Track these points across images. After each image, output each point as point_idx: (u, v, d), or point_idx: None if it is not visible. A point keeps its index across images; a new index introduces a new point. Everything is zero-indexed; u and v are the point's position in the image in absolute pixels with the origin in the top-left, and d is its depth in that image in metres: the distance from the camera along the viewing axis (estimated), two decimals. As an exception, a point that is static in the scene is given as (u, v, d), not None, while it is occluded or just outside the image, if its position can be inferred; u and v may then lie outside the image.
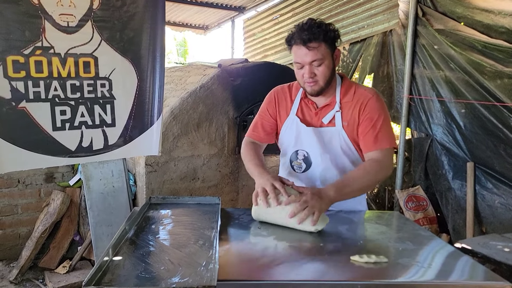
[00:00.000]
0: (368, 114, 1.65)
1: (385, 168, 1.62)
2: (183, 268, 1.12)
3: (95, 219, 3.01)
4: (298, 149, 1.77)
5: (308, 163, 1.76)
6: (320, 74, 1.59)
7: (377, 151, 1.63)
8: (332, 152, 1.72)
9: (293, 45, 1.60)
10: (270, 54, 5.87)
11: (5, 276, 2.93)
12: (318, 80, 1.61)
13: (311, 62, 1.57)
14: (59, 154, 2.11)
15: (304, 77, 1.61)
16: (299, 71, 1.62)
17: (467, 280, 1.11)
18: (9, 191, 3.11)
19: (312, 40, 1.54)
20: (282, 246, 1.31)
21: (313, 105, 1.75)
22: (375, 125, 1.63)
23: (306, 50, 1.55)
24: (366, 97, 1.66)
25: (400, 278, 1.11)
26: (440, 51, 3.36)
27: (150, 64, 2.33)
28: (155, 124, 2.41)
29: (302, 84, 1.67)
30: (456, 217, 3.38)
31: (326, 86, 1.64)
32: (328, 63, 1.60)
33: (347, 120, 1.69)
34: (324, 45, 1.57)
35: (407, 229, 1.54)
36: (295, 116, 1.77)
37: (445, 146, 3.44)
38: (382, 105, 1.68)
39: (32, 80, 1.98)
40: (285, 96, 1.82)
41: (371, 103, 1.65)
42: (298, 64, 1.61)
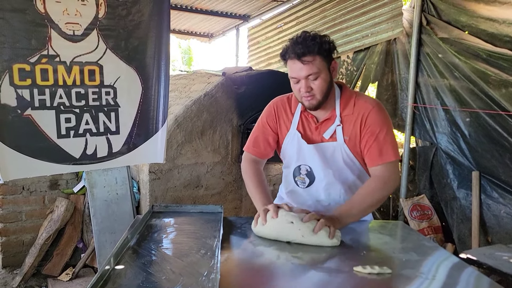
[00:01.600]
0: (370, 127, 1.61)
1: (392, 181, 1.60)
2: (184, 278, 1.12)
3: (99, 226, 3.01)
4: (301, 164, 1.74)
5: (312, 178, 1.72)
6: (317, 88, 1.55)
7: (382, 166, 1.60)
8: (335, 166, 1.68)
9: (288, 59, 1.56)
10: (274, 62, 5.89)
11: (9, 283, 2.93)
12: (315, 94, 1.57)
13: (307, 76, 1.53)
14: (64, 162, 2.12)
15: (300, 91, 1.57)
16: (296, 86, 1.59)
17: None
18: (13, 198, 3.12)
19: (307, 54, 1.50)
20: (284, 256, 1.30)
21: (313, 119, 1.71)
22: (377, 138, 1.59)
23: (300, 64, 1.51)
24: (367, 109, 1.62)
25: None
26: (444, 60, 3.36)
27: (155, 72, 2.34)
28: (160, 131, 2.41)
29: (299, 99, 1.63)
30: (461, 226, 3.34)
31: (324, 99, 1.60)
32: (325, 76, 1.55)
33: (349, 135, 1.65)
34: (319, 58, 1.52)
35: (411, 239, 1.53)
36: (296, 130, 1.73)
37: (449, 155, 3.42)
38: (384, 116, 1.63)
39: (38, 88, 1.99)
40: (285, 108, 1.78)
41: (372, 116, 1.61)
42: (294, 79, 1.57)
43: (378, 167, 1.60)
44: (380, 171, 1.60)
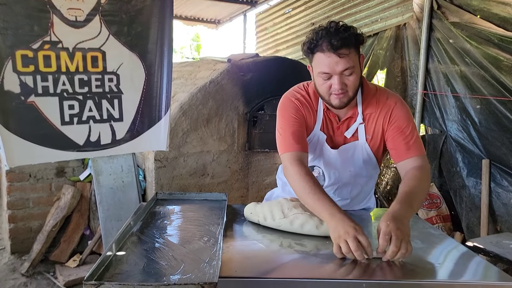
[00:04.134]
0: (396, 122, 1.53)
1: (430, 174, 1.54)
2: (186, 264, 1.11)
3: (105, 214, 3.02)
4: (315, 166, 1.66)
5: (320, 181, 1.64)
6: (351, 84, 1.43)
7: (415, 158, 1.48)
8: (352, 166, 1.62)
9: (317, 52, 1.41)
10: (282, 48, 5.83)
11: (17, 268, 2.97)
12: (348, 91, 1.44)
13: (343, 71, 1.40)
14: (68, 149, 2.12)
15: (332, 88, 1.43)
16: (325, 83, 1.43)
17: (477, 281, 1.07)
18: (20, 185, 3.14)
19: (344, 47, 1.36)
20: (287, 244, 1.28)
21: (335, 118, 1.61)
22: (404, 132, 1.51)
23: (337, 58, 1.37)
24: (390, 107, 1.54)
25: (408, 277, 1.07)
26: (455, 45, 3.28)
27: (158, 59, 2.31)
28: (163, 119, 2.40)
29: (327, 97, 1.48)
30: (470, 215, 3.30)
31: (354, 96, 1.48)
32: (358, 71, 1.44)
33: (371, 134, 1.58)
34: (354, 52, 1.40)
35: (416, 227, 1.49)
36: (320, 132, 1.62)
37: (459, 142, 3.37)
38: (408, 111, 1.56)
39: (41, 74, 1.98)
40: (309, 104, 1.61)
41: (396, 112, 1.53)
42: (326, 74, 1.41)
43: (409, 160, 1.49)
44: (416, 162, 1.48)
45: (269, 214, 1.40)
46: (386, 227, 1.15)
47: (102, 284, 0.93)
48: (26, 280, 2.83)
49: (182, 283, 0.95)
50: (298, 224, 1.34)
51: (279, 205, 1.41)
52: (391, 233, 1.13)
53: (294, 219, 1.35)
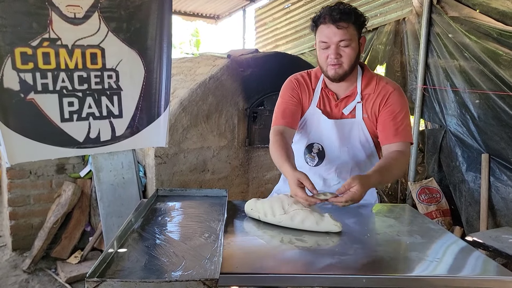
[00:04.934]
0: (390, 106, 1.61)
1: (408, 162, 1.60)
2: (187, 260, 1.12)
3: (106, 210, 3.03)
4: (314, 142, 1.74)
5: (321, 157, 1.72)
6: (346, 56, 1.54)
7: (400, 143, 1.59)
8: (350, 145, 1.69)
9: (320, 24, 1.55)
10: (281, 44, 5.81)
11: (18, 265, 2.98)
12: (343, 63, 1.55)
13: (339, 42, 1.52)
14: (68, 145, 2.12)
15: (328, 58, 1.56)
16: (324, 52, 1.57)
17: (476, 275, 1.08)
18: (21, 182, 3.15)
19: (343, 20, 1.50)
20: (288, 239, 1.29)
21: (333, 96, 1.70)
22: (396, 117, 1.60)
23: (335, 28, 1.50)
24: (388, 91, 1.62)
25: (407, 272, 1.08)
26: (454, 40, 3.28)
27: (157, 55, 2.31)
28: (162, 115, 2.40)
29: (324, 67, 1.61)
30: (469, 209, 3.31)
31: (350, 71, 1.59)
32: (355, 46, 1.55)
33: (368, 113, 1.65)
34: (353, 27, 1.53)
35: (416, 222, 1.51)
36: (316, 108, 1.72)
37: (459, 137, 3.37)
38: (404, 100, 1.64)
39: (40, 71, 1.98)
40: (307, 84, 1.75)
41: (394, 97, 1.61)
42: (324, 43, 1.55)
43: (394, 144, 1.60)
44: (398, 147, 1.59)
45: (270, 210, 1.41)
46: (351, 183, 1.35)
47: (104, 281, 0.94)
48: (28, 276, 2.84)
49: (183, 280, 0.95)
50: (299, 220, 1.35)
51: (279, 201, 1.41)
52: (351, 188, 1.34)
53: (294, 215, 1.36)
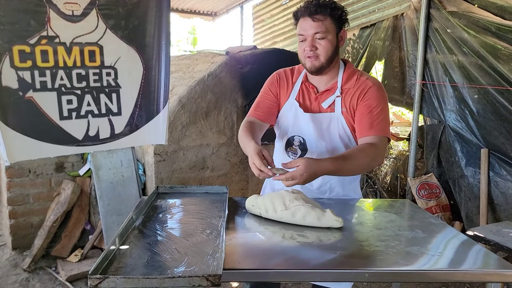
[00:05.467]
0: (367, 100, 1.60)
1: (381, 155, 1.56)
2: (189, 257, 1.12)
3: (105, 208, 3.03)
4: (295, 135, 1.73)
5: (304, 149, 1.71)
6: (322, 48, 1.55)
7: (373, 136, 1.57)
8: (329, 138, 1.68)
9: (300, 18, 1.57)
10: (279, 40, 5.80)
11: (19, 264, 2.98)
12: (319, 55, 1.57)
13: (314, 34, 1.54)
14: (67, 143, 2.11)
15: (305, 50, 1.57)
16: (301, 45, 1.59)
17: (478, 269, 1.08)
18: (20, 181, 3.14)
19: (318, 12, 1.52)
20: (289, 235, 1.29)
21: (313, 90, 1.71)
22: (372, 111, 1.59)
23: (311, 21, 1.53)
24: (367, 85, 1.63)
25: (409, 266, 1.08)
26: (453, 35, 3.27)
27: (155, 52, 2.30)
28: (161, 112, 2.39)
29: (303, 60, 1.63)
30: (469, 204, 3.32)
31: (327, 64, 1.59)
32: (332, 39, 1.56)
33: (346, 107, 1.65)
34: (330, 20, 1.54)
35: (417, 217, 1.51)
36: (295, 100, 1.73)
37: (458, 132, 3.38)
38: (383, 96, 1.63)
39: (39, 69, 1.97)
40: (287, 78, 1.78)
41: (372, 91, 1.61)
42: (301, 36, 1.57)
43: (367, 137, 1.57)
44: (371, 140, 1.56)
45: (271, 206, 1.41)
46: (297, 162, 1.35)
47: (107, 278, 0.94)
48: (28, 275, 2.84)
49: (186, 276, 0.95)
50: (300, 216, 1.35)
51: (280, 197, 1.41)
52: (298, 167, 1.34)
53: (295, 211, 1.36)
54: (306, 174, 1.33)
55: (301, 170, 1.33)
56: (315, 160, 1.37)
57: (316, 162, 1.37)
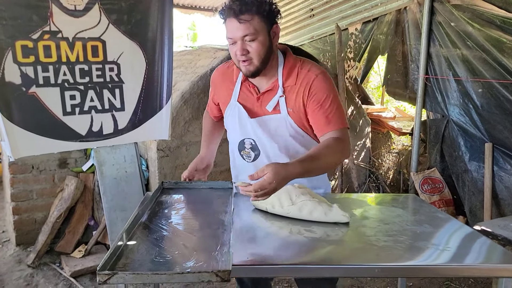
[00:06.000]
0: (315, 95, 1.48)
1: (347, 147, 1.46)
2: (197, 252, 1.11)
3: (109, 204, 3.02)
4: (245, 138, 1.64)
5: (257, 152, 1.63)
6: (254, 51, 1.42)
7: (334, 131, 1.46)
8: (280, 139, 1.58)
9: (226, 19, 1.44)
10: (281, 35, 5.76)
11: (23, 260, 2.98)
12: (252, 59, 1.44)
13: (243, 37, 1.41)
14: (70, 139, 2.10)
15: (236, 54, 1.45)
16: (232, 48, 1.46)
17: (493, 264, 1.07)
18: (23, 177, 3.13)
19: (244, 12, 1.38)
20: (296, 230, 1.29)
21: (254, 89, 1.58)
22: (323, 105, 1.47)
23: (237, 23, 1.39)
24: (310, 79, 1.50)
25: (419, 261, 1.07)
26: (457, 28, 3.25)
27: (158, 47, 2.28)
28: (164, 108, 2.38)
29: (237, 64, 1.51)
30: (473, 199, 3.31)
31: (262, 66, 1.47)
32: (263, 39, 1.42)
33: (292, 106, 1.53)
34: (258, 19, 1.40)
35: (424, 212, 1.50)
36: (237, 102, 1.62)
37: (461, 127, 3.36)
38: (329, 84, 1.50)
39: (41, 65, 1.95)
40: (225, 77, 1.67)
41: (316, 84, 1.49)
42: (230, 39, 1.44)
43: (329, 133, 1.47)
44: (332, 135, 1.46)
45: (277, 201, 1.40)
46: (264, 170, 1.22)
47: (116, 273, 0.93)
48: (33, 271, 2.84)
49: (196, 271, 0.95)
50: (307, 211, 1.34)
51: (286, 192, 1.41)
52: (265, 175, 1.21)
53: (302, 206, 1.35)
54: (275, 181, 1.20)
55: (269, 179, 1.20)
56: (283, 165, 1.24)
57: (284, 167, 1.24)
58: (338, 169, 3.82)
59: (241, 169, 1.72)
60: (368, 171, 4.04)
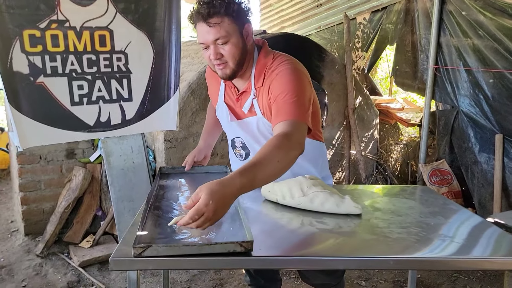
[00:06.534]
0: (272, 93, 1.40)
1: (295, 142, 1.26)
2: (214, 227, 1.13)
3: (117, 195, 3.03)
4: (235, 137, 1.64)
5: (247, 151, 1.62)
6: (228, 54, 1.38)
7: (281, 123, 1.31)
8: (265, 140, 1.49)
9: (196, 23, 1.39)
10: (287, 25, 5.72)
11: (32, 250, 3.00)
12: (227, 62, 1.40)
13: (215, 41, 1.36)
14: (78, 129, 2.10)
15: (211, 59, 1.40)
16: (205, 52, 1.42)
17: (506, 256, 1.05)
18: (31, 167, 3.14)
19: (213, 15, 1.33)
20: (308, 222, 1.27)
21: (234, 90, 1.56)
22: (276, 100, 1.38)
23: (207, 27, 1.34)
24: (272, 79, 1.41)
25: (434, 254, 1.06)
26: (468, 17, 3.19)
27: (166, 37, 2.26)
28: (172, 98, 2.36)
29: (212, 68, 1.48)
30: (482, 191, 3.28)
31: (238, 68, 1.42)
32: (236, 41, 1.37)
33: (262, 108, 1.49)
34: (228, 20, 1.34)
35: (437, 204, 1.48)
36: (223, 103, 1.62)
37: (472, 118, 3.32)
38: (287, 80, 1.38)
39: (49, 54, 1.94)
40: (215, 76, 1.61)
41: (274, 83, 1.40)
42: (202, 44, 1.40)
43: (276, 126, 1.32)
44: (280, 128, 1.30)
45: (288, 192, 1.38)
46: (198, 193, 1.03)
47: (150, 246, 0.96)
48: (41, 261, 2.86)
49: (222, 242, 0.98)
50: (318, 202, 1.32)
51: (297, 183, 1.39)
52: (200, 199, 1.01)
53: (314, 197, 1.33)
54: (212, 201, 1.00)
55: (205, 200, 1.00)
56: (218, 182, 1.05)
57: (220, 184, 1.04)
58: (346, 160, 3.80)
59: (237, 166, 1.71)
60: (376, 162, 4.01)
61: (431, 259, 1.03)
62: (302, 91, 1.38)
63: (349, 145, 3.79)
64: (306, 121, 1.34)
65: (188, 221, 1.00)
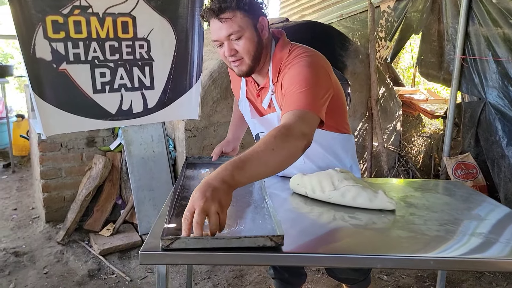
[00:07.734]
0: (283, 87, 1.35)
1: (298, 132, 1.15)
2: (242, 220, 1.12)
3: (137, 184, 3.03)
4: (259, 132, 1.62)
5: None
6: (242, 49, 1.33)
7: (285, 114, 1.24)
8: None
9: (209, 21, 1.35)
10: (308, 13, 5.60)
11: (53, 237, 3.03)
12: (243, 58, 1.35)
13: (228, 37, 1.31)
14: (101, 117, 2.09)
15: (226, 56, 1.36)
16: (220, 50, 1.38)
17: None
18: (52, 154, 3.16)
19: (224, 10, 1.28)
20: (340, 217, 1.22)
21: (254, 85, 1.53)
22: (285, 93, 1.32)
23: (219, 23, 1.30)
24: (285, 72, 1.36)
25: (478, 254, 1.00)
26: (499, 6, 3.05)
27: (188, 24, 2.22)
28: (194, 87, 2.33)
29: (228, 65, 1.44)
30: (509, 185, 3.17)
31: (255, 63, 1.38)
32: (250, 35, 1.32)
33: (280, 104, 1.43)
34: (240, 14, 1.30)
35: (473, 200, 1.41)
36: (245, 98, 1.60)
37: (500, 110, 3.19)
38: (299, 71, 1.32)
39: (72, 41, 1.92)
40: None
41: (286, 77, 1.35)
42: (216, 42, 1.35)
43: (282, 118, 1.26)
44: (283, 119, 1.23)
45: (318, 186, 1.33)
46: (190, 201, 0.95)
47: (178, 238, 0.93)
48: (62, 248, 2.88)
49: (252, 236, 0.95)
50: (350, 197, 1.27)
51: (328, 177, 1.34)
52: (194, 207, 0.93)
53: (345, 192, 1.28)
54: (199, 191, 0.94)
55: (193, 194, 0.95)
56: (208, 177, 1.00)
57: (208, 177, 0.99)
58: (367, 152, 3.72)
59: None
60: (398, 155, 3.92)
61: (474, 259, 0.98)
62: (314, 82, 1.29)
63: (371, 137, 3.71)
64: (316, 111, 1.24)
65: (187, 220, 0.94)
